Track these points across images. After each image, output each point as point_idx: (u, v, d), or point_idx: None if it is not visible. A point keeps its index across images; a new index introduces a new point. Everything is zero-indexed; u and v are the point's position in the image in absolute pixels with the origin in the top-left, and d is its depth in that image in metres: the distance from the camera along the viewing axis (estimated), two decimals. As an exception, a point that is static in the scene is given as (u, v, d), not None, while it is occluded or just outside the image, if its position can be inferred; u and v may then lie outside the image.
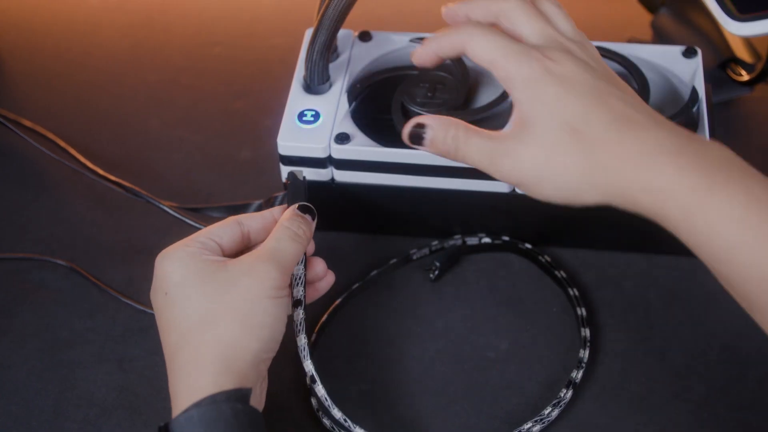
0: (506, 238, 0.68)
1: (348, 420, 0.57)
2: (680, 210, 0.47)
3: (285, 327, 0.55)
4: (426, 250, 0.69)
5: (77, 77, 0.86)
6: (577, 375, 0.61)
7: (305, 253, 0.58)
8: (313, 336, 0.65)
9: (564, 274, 0.66)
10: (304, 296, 0.58)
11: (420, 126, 0.54)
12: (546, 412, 0.59)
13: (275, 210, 0.59)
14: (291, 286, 0.57)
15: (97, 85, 0.85)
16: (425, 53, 0.55)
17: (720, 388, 0.62)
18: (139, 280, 0.69)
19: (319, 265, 0.60)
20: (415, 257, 0.69)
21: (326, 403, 0.57)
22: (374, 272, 0.68)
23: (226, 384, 0.50)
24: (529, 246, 0.68)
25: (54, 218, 0.74)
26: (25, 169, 0.78)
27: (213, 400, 0.49)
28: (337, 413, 0.57)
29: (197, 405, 0.49)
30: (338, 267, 0.68)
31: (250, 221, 0.58)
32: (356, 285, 0.68)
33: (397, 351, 0.64)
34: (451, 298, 0.67)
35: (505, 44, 0.51)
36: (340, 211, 0.69)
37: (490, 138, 0.52)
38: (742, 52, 0.77)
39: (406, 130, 0.54)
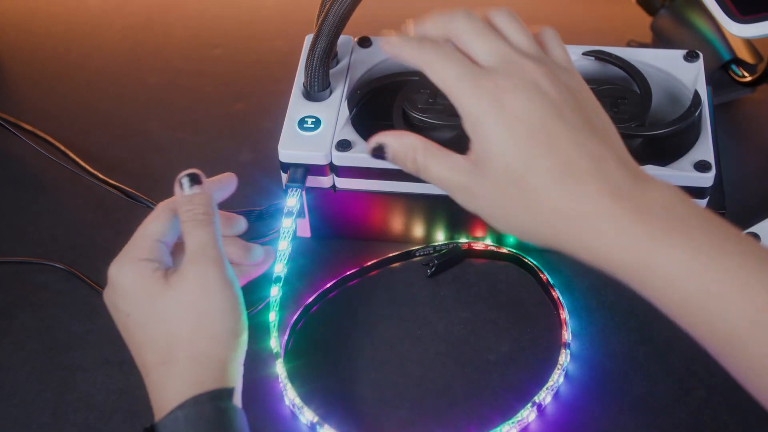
0: (512, 250, 0.68)
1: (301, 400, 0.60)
2: (626, 268, 0.47)
3: (245, 310, 0.54)
4: (429, 249, 0.69)
5: (77, 79, 0.86)
6: (544, 398, 0.61)
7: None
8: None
9: (559, 296, 0.66)
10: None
11: (379, 148, 0.54)
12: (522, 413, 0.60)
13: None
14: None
15: (96, 87, 0.85)
16: (391, 50, 0.53)
17: (721, 391, 0.62)
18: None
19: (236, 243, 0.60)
20: (417, 254, 0.69)
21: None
22: (371, 262, 0.68)
23: (208, 385, 0.51)
24: (533, 262, 0.68)
25: (53, 221, 0.74)
26: (24, 171, 0.77)
27: (196, 401, 0.50)
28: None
29: (181, 407, 0.50)
30: (339, 273, 0.68)
31: (174, 203, 0.57)
32: (350, 272, 0.68)
33: (398, 353, 0.64)
34: (452, 301, 0.67)
35: (457, 73, 0.50)
36: (341, 219, 0.69)
37: (449, 168, 0.51)
38: (743, 53, 0.77)
39: (369, 147, 0.55)
